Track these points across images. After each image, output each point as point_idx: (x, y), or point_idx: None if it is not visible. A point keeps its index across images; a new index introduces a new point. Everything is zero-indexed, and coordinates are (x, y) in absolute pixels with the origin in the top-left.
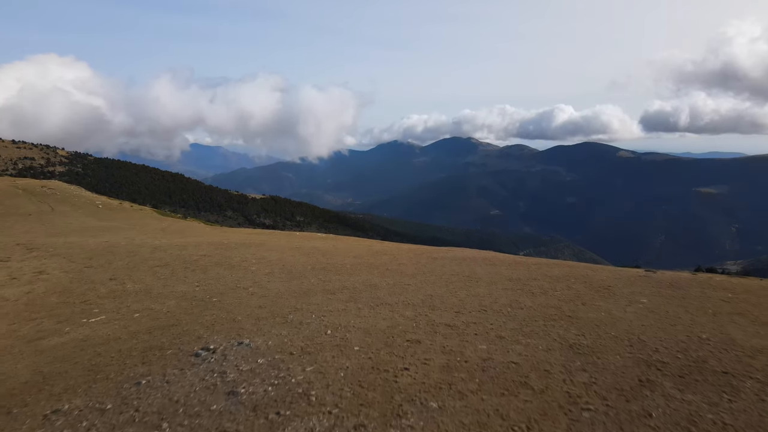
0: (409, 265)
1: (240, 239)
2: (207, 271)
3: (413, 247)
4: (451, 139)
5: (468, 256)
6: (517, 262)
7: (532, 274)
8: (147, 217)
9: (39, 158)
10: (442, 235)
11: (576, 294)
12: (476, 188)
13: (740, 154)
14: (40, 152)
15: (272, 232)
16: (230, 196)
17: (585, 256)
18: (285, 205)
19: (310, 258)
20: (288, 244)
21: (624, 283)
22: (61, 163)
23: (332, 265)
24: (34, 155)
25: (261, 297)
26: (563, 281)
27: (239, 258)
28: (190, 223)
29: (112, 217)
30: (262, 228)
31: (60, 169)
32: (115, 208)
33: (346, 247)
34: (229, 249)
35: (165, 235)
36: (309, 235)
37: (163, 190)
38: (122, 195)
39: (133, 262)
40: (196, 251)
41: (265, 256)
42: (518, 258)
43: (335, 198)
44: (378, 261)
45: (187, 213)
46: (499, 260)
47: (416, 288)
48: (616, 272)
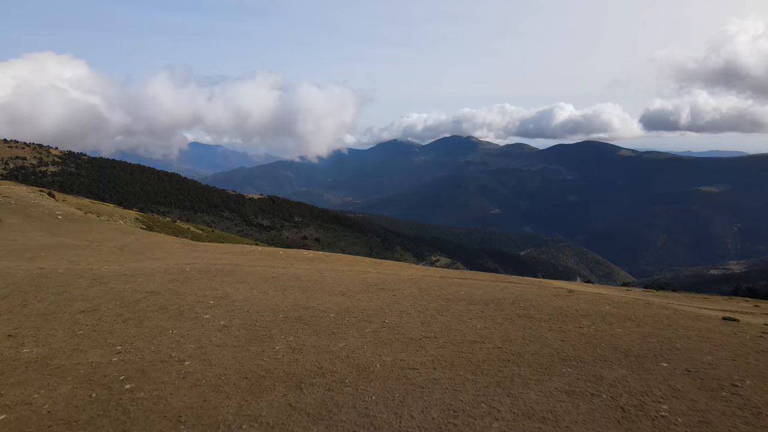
0: (413, 315)
1: (208, 263)
2: (143, 322)
3: (417, 276)
4: (451, 138)
5: (489, 297)
6: (561, 312)
7: (594, 341)
8: (111, 230)
9: (31, 158)
10: (443, 235)
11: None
12: (476, 187)
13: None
14: (33, 151)
15: (252, 251)
16: (227, 196)
17: (587, 257)
18: (283, 206)
19: (286, 297)
20: (264, 271)
21: None
22: (53, 163)
23: (310, 315)
24: (26, 155)
25: (193, 386)
26: (653, 364)
27: (194, 297)
28: (159, 239)
29: (69, 231)
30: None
31: (53, 168)
32: (76, 220)
33: (334, 278)
34: (187, 281)
35: (120, 257)
36: (294, 254)
37: (159, 190)
38: (116, 195)
39: (56, 303)
40: (145, 284)
41: (228, 294)
42: (558, 301)
43: (335, 197)
44: (372, 306)
45: (182, 214)
46: (534, 306)
47: (427, 380)
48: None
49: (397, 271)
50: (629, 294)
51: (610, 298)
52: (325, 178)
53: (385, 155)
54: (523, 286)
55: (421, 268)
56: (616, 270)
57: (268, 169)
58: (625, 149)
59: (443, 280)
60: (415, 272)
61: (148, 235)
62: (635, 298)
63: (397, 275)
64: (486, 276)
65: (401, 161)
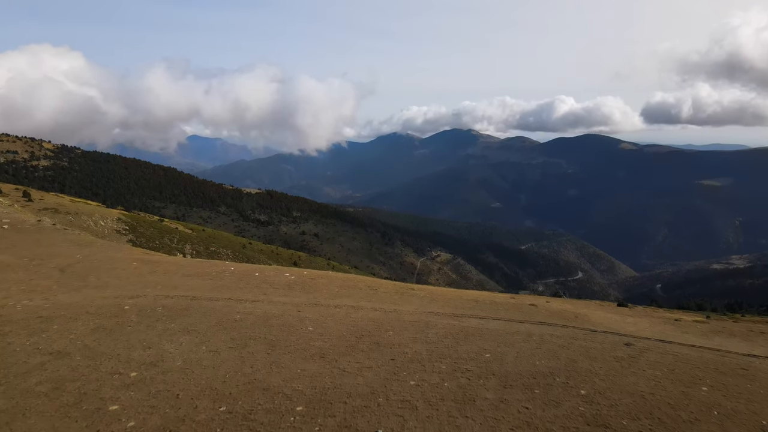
0: (421, 413)
1: (159, 294)
2: (11, 424)
3: (422, 320)
4: (452, 131)
5: (528, 368)
6: (648, 403)
7: None
8: (64, 243)
9: (22, 152)
10: (443, 230)
11: None
12: (477, 181)
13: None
14: (24, 145)
15: (222, 272)
16: (224, 191)
17: (588, 251)
18: (281, 201)
19: (243, 363)
20: (227, 309)
21: None
22: (46, 157)
23: (266, 410)
24: (18, 148)
25: None
26: None
27: (112, 365)
28: (117, 254)
29: (12, 244)
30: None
31: (45, 163)
32: (25, 230)
33: (315, 319)
34: (117, 330)
35: (54, 283)
36: (273, 276)
37: (154, 185)
38: (110, 190)
39: None
40: (55, 338)
41: (163, 357)
42: (627, 371)
43: (335, 191)
44: (360, 385)
45: (177, 209)
46: (601, 392)
47: None
48: None
49: (398, 306)
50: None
51: (690, 361)
52: (325, 172)
53: (385, 148)
54: (560, 333)
55: (427, 296)
56: (617, 264)
57: (268, 163)
58: (626, 142)
59: (457, 323)
60: (419, 305)
61: (106, 249)
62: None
63: (396, 314)
64: (508, 310)
65: (401, 154)
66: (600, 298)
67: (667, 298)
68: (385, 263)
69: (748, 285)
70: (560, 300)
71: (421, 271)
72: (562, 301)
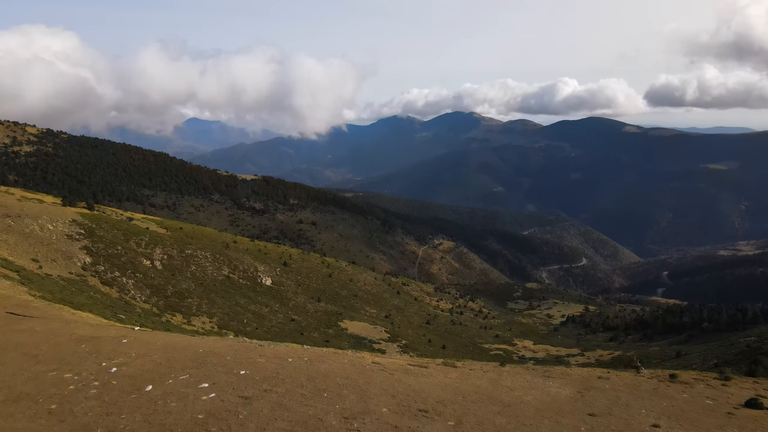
0: None
1: None
2: None
3: None
4: (453, 114)
5: None
6: None
7: None
8: None
9: (3, 137)
10: (445, 215)
11: None
12: (478, 164)
13: (747, 129)
14: (6, 129)
15: (174, 355)
16: (218, 177)
17: (591, 236)
18: (278, 187)
19: None
20: None
21: None
22: (29, 142)
23: None
24: None
25: None
26: None
27: None
28: None
29: None
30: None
31: (27, 148)
32: None
33: None
34: None
35: None
36: (245, 358)
37: (143, 172)
38: (95, 177)
39: None
40: None
41: None
42: None
43: (335, 174)
44: None
45: (168, 198)
46: None
47: None
48: None
49: None
50: None
51: None
52: (325, 155)
53: (385, 131)
54: None
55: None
56: (621, 250)
57: (268, 146)
58: (630, 125)
59: None
60: None
61: None
62: None
63: None
64: None
65: (402, 138)
66: (604, 285)
67: (675, 286)
68: (386, 252)
69: (760, 273)
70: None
71: (423, 260)
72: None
